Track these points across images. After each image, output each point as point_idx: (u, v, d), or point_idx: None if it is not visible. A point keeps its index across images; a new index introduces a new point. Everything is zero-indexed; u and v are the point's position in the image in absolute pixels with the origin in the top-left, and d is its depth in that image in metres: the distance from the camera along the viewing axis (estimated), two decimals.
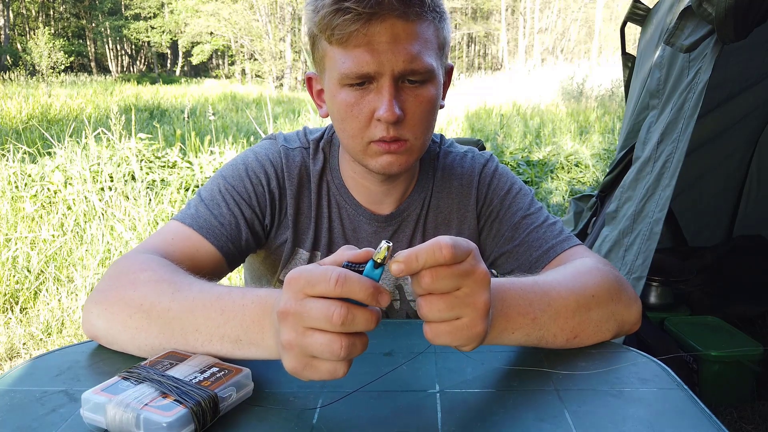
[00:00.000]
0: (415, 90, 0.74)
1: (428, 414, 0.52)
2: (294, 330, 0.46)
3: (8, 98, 9.43)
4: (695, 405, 0.53)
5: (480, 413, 0.52)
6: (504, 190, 0.89)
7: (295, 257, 0.88)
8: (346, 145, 0.79)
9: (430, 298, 0.48)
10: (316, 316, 0.45)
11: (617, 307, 0.67)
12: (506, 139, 7.06)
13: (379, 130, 0.73)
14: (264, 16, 26.83)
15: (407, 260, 0.46)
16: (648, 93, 1.78)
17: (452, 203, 0.90)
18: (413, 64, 0.71)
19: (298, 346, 0.46)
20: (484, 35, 38.42)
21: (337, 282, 0.44)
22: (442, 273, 0.47)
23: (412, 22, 0.71)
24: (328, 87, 0.77)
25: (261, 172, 0.84)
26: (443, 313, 0.48)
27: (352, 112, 0.74)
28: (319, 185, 0.87)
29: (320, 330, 0.45)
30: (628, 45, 2.24)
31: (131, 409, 0.46)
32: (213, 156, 4.54)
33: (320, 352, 0.45)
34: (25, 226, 3.19)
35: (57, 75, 17.09)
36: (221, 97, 14.08)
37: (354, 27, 0.69)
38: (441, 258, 0.47)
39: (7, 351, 2.25)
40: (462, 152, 0.93)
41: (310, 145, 0.89)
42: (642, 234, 1.60)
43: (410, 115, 0.74)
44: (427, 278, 0.47)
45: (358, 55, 0.70)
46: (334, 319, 0.44)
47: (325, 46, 0.74)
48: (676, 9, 1.72)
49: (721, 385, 1.86)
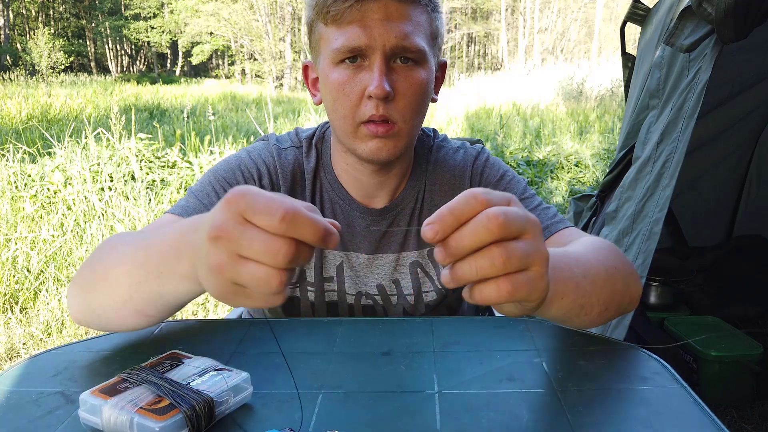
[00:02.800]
0: (406, 71, 0.75)
1: (427, 415, 0.52)
2: (227, 255, 0.41)
3: (8, 98, 9.43)
4: (696, 404, 0.53)
5: (479, 414, 0.52)
6: (497, 177, 0.89)
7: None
8: (337, 128, 0.79)
9: (489, 250, 0.40)
10: (257, 249, 0.39)
11: (631, 280, 0.68)
12: (506, 139, 7.06)
13: (369, 108, 0.74)
14: (264, 16, 26.81)
15: (441, 218, 0.41)
16: (648, 93, 1.77)
17: (445, 196, 0.89)
18: (405, 41, 0.72)
19: (229, 273, 0.41)
20: (484, 35, 38.40)
21: (283, 220, 0.38)
22: (511, 215, 0.40)
23: (405, 3, 0.73)
24: (322, 69, 0.78)
25: (253, 169, 0.84)
26: (510, 262, 0.40)
27: (344, 90, 0.75)
28: (313, 183, 0.87)
29: (258, 262, 0.40)
30: (628, 45, 2.23)
31: (126, 412, 0.46)
32: (213, 156, 4.53)
33: (255, 286, 0.40)
34: (25, 226, 3.19)
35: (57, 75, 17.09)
36: (221, 97, 14.08)
37: (348, 4, 0.71)
38: (479, 207, 0.41)
39: (7, 351, 2.24)
40: (455, 147, 0.93)
41: (303, 143, 0.89)
42: (642, 234, 1.59)
43: (400, 95, 0.74)
44: (492, 221, 0.40)
45: (350, 30, 0.72)
46: (279, 258, 0.39)
47: (321, 29, 0.76)
48: (676, 9, 1.71)
49: (721, 385, 1.86)
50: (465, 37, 37.97)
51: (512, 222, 0.41)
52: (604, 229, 1.76)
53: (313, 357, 0.63)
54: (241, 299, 0.43)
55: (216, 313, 2.62)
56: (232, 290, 0.42)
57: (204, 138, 5.03)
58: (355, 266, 0.88)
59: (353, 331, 0.69)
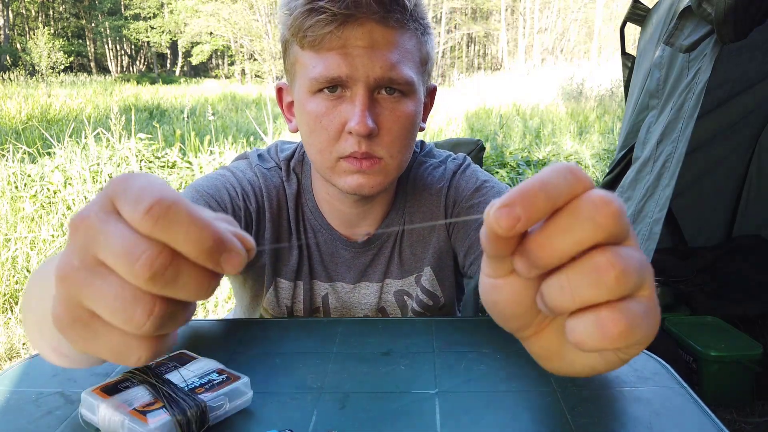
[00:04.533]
0: (392, 103, 0.67)
1: (427, 415, 0.52)
2: (79, 251, 0.27)
3: (8, 98, 9.43)
4: (695, 404, 0.53)
5: (479, 414, 0.52)
6: (472, 189, 0.80)
7: (277, 288, 0.82)
8: (314, 161, 0.71)
9: (592, 259, 0.26)
10: (114, 245, 0.26)
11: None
12: (506, 139, 7.06)
13: (350, 144, 0.66)
14: (264, 16, 26.83)
15: (526, 196, 0.25)
16: (648, 93, 1.78)
17: (424, 219, 0.81)
18: (391, 72, 0.64)
19: (76, 282, 0.27)
20: (484, 35, 38.40)
21: (150, 211, 0.25)
22: (622, 206, 0.26)
23: (392, 29, 0.65)
24: (298, 97, 0.70)
25: (238, 188, 0.76)
26: (624, 281, 0.25)
27: (321, 123, 0.66)
28: (296, 209, 0.81)
29: (114, 272, 0.26)
30: (628, 45, 2.23)
31: (119, 413, 0.46)
32: (213, 156, 4.54)
33: (107, 309, 0.26)
34: (25, 226, 3.19)
35: (56, 75, 17.09)
36: (221, 97, 14.07)
37: (328, 29, 0.63)
38: (580, 187, 0.26)
39: (7, 351, 2.24)
40: (437, 161, 0.84)
41: (281, 164, 0.82)
42: (642, 234, 1.59)
43: (385, 131, 0.67)
44: (602, 212, 0.25)
45: (330, 58, 0.64)
46: (138, 267, 0.25)
47: (296, 52, 0.68)
48: (676, 9, 1.71)
49: (721, 385, 1.86)
50: (465, 37, 37.98)
51: (624, 216, 0.26)
52: None
53: (312, 357, 0.62)
54: (83, 334, 0.28)
55: (216, 313, 2.62)
56: (75, 315, 0.28)
57: (204, 138, 5.03)
58: (341, 296, 0.84)
59: (352, 331, 0.69)
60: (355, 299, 0.84)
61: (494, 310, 0.33)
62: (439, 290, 0.84)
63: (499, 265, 0.30)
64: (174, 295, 0.27)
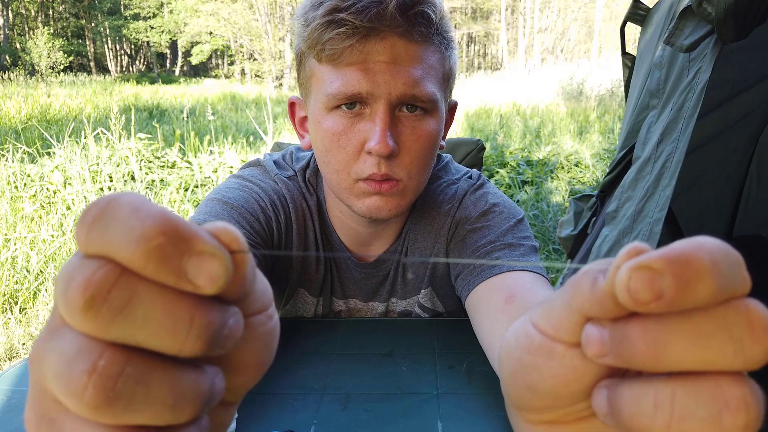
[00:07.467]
0: (413, 121, 0.63)
1: (428, 416, 0.51)
2: (34, 380, 0.19)
3: (7, 98, 9.43)
4: None
5: (480, 416, 0.52)
6: (478, 213, 0.74)
7: (298, 300, 0.80)
8: (329, 181, 0.68)
9: (725, 394, 0.19)
10: (53, 369, 0.17)
11: None
12: (506, 139, 7.06)
13: (369, 165, 0.62)
14: (263, 16, 26.82)
15: (685, 263, 0.18)
16: (648, 93, 1.78)
17: (428, 237, 0.77)
18: (414, 90, 0.61)
19: (36, 413, 0.19)
20: (484, 35, 38.41)
21: (87, 238, 0.17)
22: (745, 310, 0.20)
23: (416, 43, 0.61)
24: (313, 112, 0.66)
25: (267, 200, 0.71)
26: (741, 397, 0.19)
27: (339, 142, 0.63)
28: (321, 222, 0.77)
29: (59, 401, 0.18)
30: (628, 45, 2.23)
31: None
32: (212, 156, 4.54)
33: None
34: (25, 226, 3.19)
35: (56, 75, 17.08)
36: (221, 97, 14.07)
37: (348, 42, 0.59)
38: (743, 287, 0.22)
39: (7, 351, 2.24)
40: (452, 178, 0.80)
41: (297, 174, 0.78)
42: (642, 234, 1.59)
43: (405, 151, 0.63)
44: (758, 346, 0.20)
45: (349, 74, 0.60)
46: (83, 392, 0.16)
47: (313, 65, 0.64)
48: (677, 9, 1.71)
49: None
50: (465, 37, 37.97)
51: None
52: (604, 229, 1.76)
53: (314, 358, 0.62)
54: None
55: None
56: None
57: (203, 138, 5.03)
58: (353, 314, 0.84)
59: (355, 332, 0.69)
60: (367, 316, 0.85)
61: (526, 378, 0.23)
62: (440, 305, 0.84)
63: (570, 326, 0.21)
64: (138, 421, 0.17)
